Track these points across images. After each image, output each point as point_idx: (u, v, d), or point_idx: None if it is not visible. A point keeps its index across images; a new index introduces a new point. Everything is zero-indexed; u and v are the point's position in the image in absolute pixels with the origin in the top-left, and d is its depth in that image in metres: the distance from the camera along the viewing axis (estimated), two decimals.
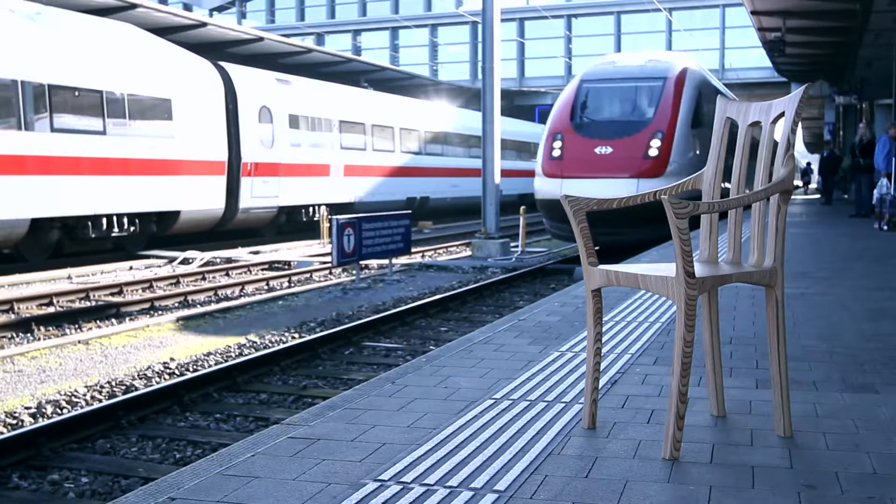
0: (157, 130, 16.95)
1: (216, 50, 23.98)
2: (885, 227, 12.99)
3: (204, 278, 13.88)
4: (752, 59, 38.84)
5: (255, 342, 8.40)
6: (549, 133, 15.44)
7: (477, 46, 42.61)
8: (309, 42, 41.40)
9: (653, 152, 14.44)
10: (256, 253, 17.37)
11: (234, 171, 19.23)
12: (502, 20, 20.26)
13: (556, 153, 14.92)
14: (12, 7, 14.75)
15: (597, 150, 14.58)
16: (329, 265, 13.88)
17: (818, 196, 30.36)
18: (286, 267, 15.42)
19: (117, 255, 16.69)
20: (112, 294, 11.92)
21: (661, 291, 2.51)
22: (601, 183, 13.94)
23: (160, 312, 10.65)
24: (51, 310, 10.60)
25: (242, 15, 50.39)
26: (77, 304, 11.17)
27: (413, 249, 15.96)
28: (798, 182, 56.42)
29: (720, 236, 4.16)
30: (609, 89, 16.08)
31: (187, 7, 44.99)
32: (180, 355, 7.89)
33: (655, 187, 13.97)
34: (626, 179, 14.13)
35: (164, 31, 20.84)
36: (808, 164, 52.47)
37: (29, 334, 9.15)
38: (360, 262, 12.89)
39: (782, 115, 2.73)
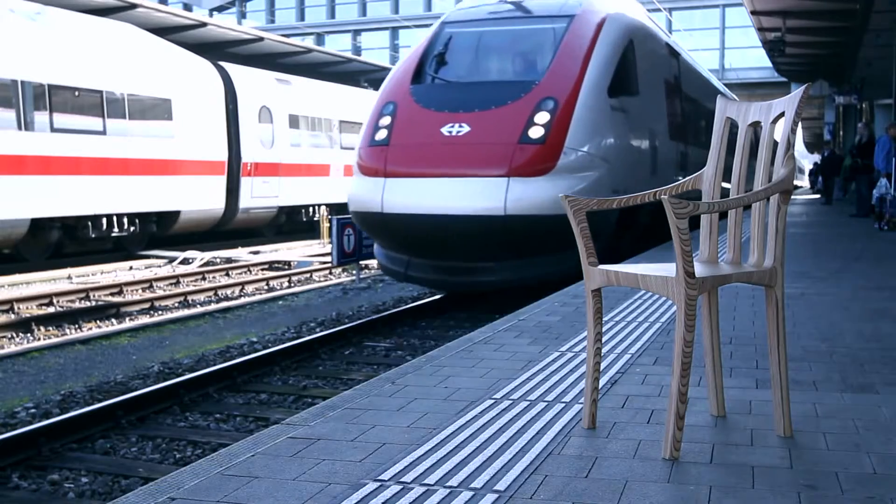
0: (157, 130, 16.96)
1: (216, 50, 23.97)
2: (885, 227, 12.98)
3: (204, 278, 13.88)
4: (752, 59, 38.83)
5: (255, 342, 8.40)
6: (378, 104, 9.83)
7: None
8: (309, 42, 41.39)
9: (535, 133, 8.77)
10: (256, 253, 17.38)
11: (234, 171, 19.25)
12: None
13: (381, 135, 9.29)
14: (12, 7, 14.76)
15: (445, 131, 8.96)
16: (329, 265, 13.88)
17: (818, 196, 30.35)
18: (286, 267, 15.42)
19: (117, 255, 16.70)
20: (112, 294, 11.93)
21: (661, 291, 2.51)
22: (446, 185, 8.69)
23: (160, 312, 10.65)
24: (51, 310, 10.60)
25: (242, 15, 50.39)
26: (77, 304, 11.17)
27: None
28: (805, 182, 56.27)
29: (720, 236, 4.15)
30: (480, 34, 10.31)
31: (187, 7, 44.98)
32: (180, 355, 7.89)
33: (538, 190, 8.61)
34: (488, 180, 8.58)
35: (164, 31, 20.84)
36: (816, 164, 52.34)
37: (29, 334, 9.16)
38: (360, 262, 12.89)
39: (782, 115, 2.73)
